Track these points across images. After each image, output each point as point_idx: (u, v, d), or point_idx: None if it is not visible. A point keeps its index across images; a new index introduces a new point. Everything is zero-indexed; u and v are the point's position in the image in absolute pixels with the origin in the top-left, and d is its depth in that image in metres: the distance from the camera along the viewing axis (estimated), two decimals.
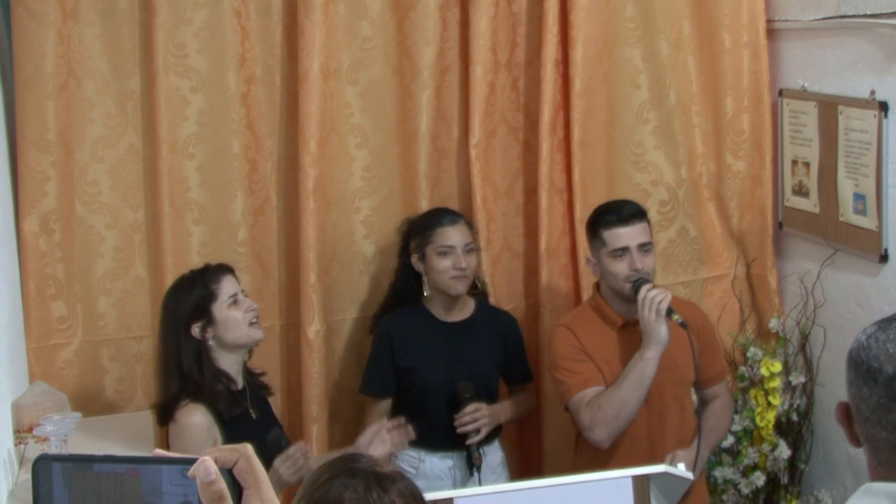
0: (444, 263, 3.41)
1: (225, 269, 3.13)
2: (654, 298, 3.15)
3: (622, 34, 3.84)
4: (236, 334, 3.07)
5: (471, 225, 3.54)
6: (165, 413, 3.02)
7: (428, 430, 3.43)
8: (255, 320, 3.11)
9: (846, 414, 1.64)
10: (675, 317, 3.15)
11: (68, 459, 0.95)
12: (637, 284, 3.23)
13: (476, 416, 3.37)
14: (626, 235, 3.26)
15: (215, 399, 3.00)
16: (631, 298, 3.25)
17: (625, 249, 3.26)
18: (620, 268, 3.26)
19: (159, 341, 3.11)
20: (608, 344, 3.32)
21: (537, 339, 3.88)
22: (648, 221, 3.36)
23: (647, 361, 3.17)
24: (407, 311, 3.54)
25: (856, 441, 1.64)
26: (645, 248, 3.28)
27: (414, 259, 3.49)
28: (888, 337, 1.58)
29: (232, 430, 3.00)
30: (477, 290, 3.58)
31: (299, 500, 1.67)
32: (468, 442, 3.37)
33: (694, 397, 3.47)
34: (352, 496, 1.64)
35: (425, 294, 3.51)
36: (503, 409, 3.51)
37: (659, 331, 3.15)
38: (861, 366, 1.59)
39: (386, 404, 3.53)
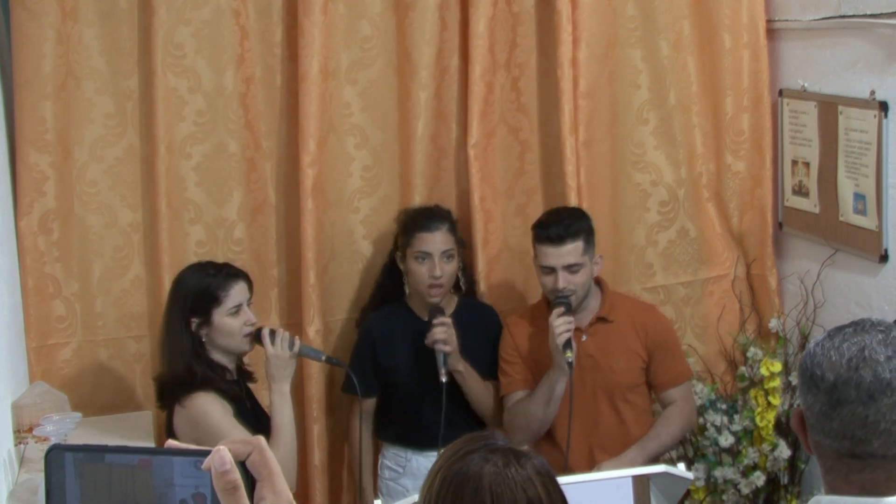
0: (420, 270, 3.42)
1: (238, 276, 3.16)
2: (557, 327, 3.22)
3: (622, 34, 3.84)
4: (227, 342, 3.12)
5: (455, 230, 3.50)
6: (167, 394, 3.08)
7: (414, 430, 3.46)
8: (249, 334, 3.15)
9: (801, 422, 1.64)
10: (568, 354, 3.21)
11: (80, 450, 0.94)
12: (554, 305, 3.31)
13: (440, 332, 3.33)
14: (553, 256, 3.32)
15: (218, 385, 3.06)
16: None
17: (552, 268, 3.33)
18: (547, 281, 3.36)
19: (164, 316, 3.15)
20: (542, 345, 3.37)
21: None
22: (586, 236, 3.34)
23: (553, 383, 3.28)
24: (390, 310, 3.55)
25: (809, 449, 1.64)
26: (572, 268, 3.32)
27: (398, 257, 3.53)
28: (833, 345, 1.58)
29: (236, 416, 3.07)
30: (461, 290, 3.57)
31: (437, 472, 1.71)
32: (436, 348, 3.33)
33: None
34: (491, 470, 1.67)
35: (406, 293, 3.52)
36: None
37: (558, 360, 3.25)
38: (806, 373, 1.60)
39: (369, 403, 3.53)
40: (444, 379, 3.32)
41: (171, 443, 0.95)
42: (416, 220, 3.48)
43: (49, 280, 3.46)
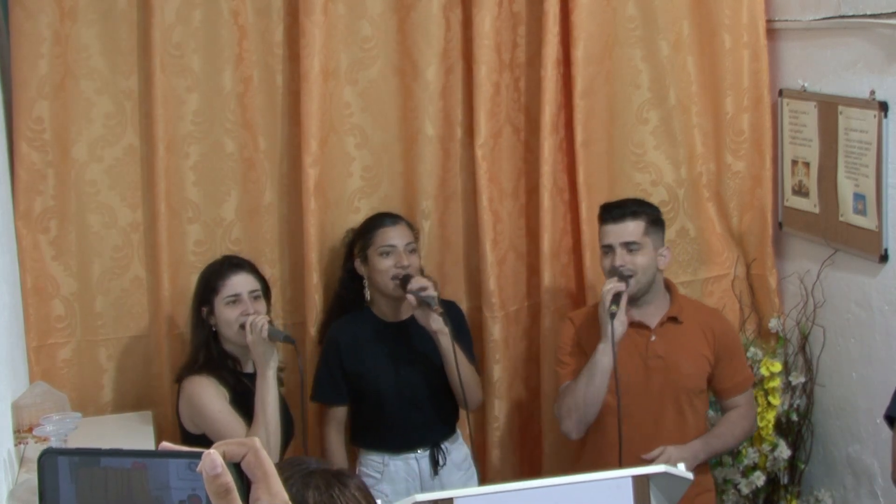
0: (386, 263, 3.42)
1: (240, 267, 3.30)
2: (605, 292, 3.20)
3: (622, 34, 3.84)
4: (228, 332, 3.26)
5: (412, 227, 3.55)
6: (177, 377, 3.30)
7: (388, 434, 3.45)
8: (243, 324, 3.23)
9: None
10: (611, 307, 3.16)
11: (74, 453, 0.94)
12: (608, 277, 3.28)
13: (421, 281, 3.34)
14: (611, 233, 3.31)
15: (218, 373, 3.22)
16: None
17: (609, 247, 3.31)
18: (605, 262, 3.34)
19: (190, 308, 3.37)
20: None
21: (538, 339, 3.87)
22: (649, 219, 3.34)
23: (599, 354, 3.22)
24: (353, 316, 3.53)
25: None
26: (631, 246, 3.29)
27: (357, 263, 3.51)
28: None
29: (236, 405, 3.20)
30: None
31: None
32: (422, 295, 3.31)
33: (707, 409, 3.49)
34: (315, 494, 1.63)
35: (367, 298, 3.51)
36: None
37: (605, 323, 3.19)
38: None
39: (340, 411, 3.52)
40: (440, 310, 3.31)
41: (165, 445, 0.95)
42: (374, 221, 3.52)
43: (48, 280, 3.46)
